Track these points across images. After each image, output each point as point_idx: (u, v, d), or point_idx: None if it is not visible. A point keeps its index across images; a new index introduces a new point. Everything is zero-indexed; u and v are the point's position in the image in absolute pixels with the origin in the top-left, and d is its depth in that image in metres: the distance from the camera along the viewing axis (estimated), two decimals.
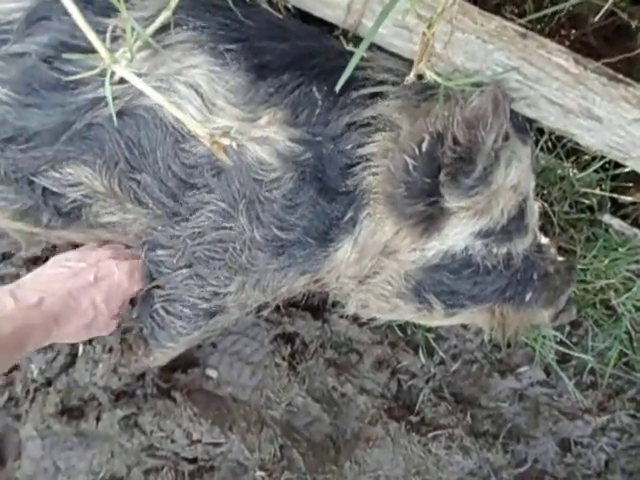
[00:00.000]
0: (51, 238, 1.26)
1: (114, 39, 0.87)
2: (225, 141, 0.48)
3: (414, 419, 1.44)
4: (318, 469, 1.41)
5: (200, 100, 0.92)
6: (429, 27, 0.66)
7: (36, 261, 1.55)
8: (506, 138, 0.98)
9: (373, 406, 1.44)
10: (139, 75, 0.92)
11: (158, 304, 1.15)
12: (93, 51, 0.67)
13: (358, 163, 0.99)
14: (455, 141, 0.89)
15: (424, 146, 0.92)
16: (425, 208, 0.97)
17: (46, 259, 1.25)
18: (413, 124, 0.96)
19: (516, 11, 1.06)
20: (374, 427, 1.43)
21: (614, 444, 1.48)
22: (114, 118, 0.83)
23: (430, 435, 1.41)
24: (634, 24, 0.89)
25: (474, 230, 1.02)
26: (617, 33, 1.15)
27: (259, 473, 1.42)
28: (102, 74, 0.70)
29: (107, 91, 0.59)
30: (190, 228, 1.02)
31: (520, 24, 0.84)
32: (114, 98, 0.92)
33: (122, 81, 0.92)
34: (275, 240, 1.02)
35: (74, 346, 1.46)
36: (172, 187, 0.98)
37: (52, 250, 1.50)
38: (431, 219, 0.99)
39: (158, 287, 1.13)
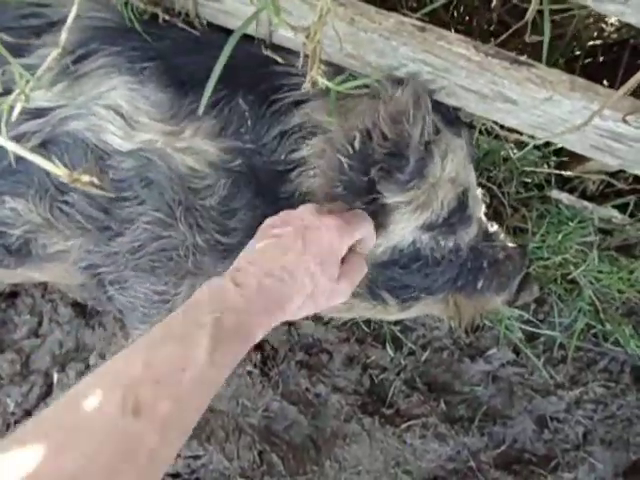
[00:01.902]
0: (15, 277, 1.26)
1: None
2: (85, 178, 0.50)
3: (387, 412, 1.45)
4: (299, 470, 1.42)
5: (121, 119, 0.93)
6: (308, 37, 0.67)
7: (16, 295, 1.56)
8: (437, 132, 0.99)
9: (347, 403, 1.45)
10: (57, 107, 0.95)
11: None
12: None
13: (294, 169, 1.00)
14: (383, 137, 0.90)
15: (356, 144, 0.93)
16: (365, 206, 0.97)
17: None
18: (342, 123, 0.96)
19: (414, 5, 1.06)
20: (349, 424, 1.44)
21: (590, 416, 1.48)
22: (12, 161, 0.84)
23: (404, 426, 1.42)
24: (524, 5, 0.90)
25: (418, 224, 1.03)
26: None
27: None
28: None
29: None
30: (128, 243, 1.02)
31: (418, 18, 0.85)
32: (35, 132, 0.95)
33: (41, 115, 0.95)
34: (218, 244, 1.02)
35: (48, 376, 1.48)
36: (102, 202, 0.98)
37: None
38: (374, 216, 1.00)
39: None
